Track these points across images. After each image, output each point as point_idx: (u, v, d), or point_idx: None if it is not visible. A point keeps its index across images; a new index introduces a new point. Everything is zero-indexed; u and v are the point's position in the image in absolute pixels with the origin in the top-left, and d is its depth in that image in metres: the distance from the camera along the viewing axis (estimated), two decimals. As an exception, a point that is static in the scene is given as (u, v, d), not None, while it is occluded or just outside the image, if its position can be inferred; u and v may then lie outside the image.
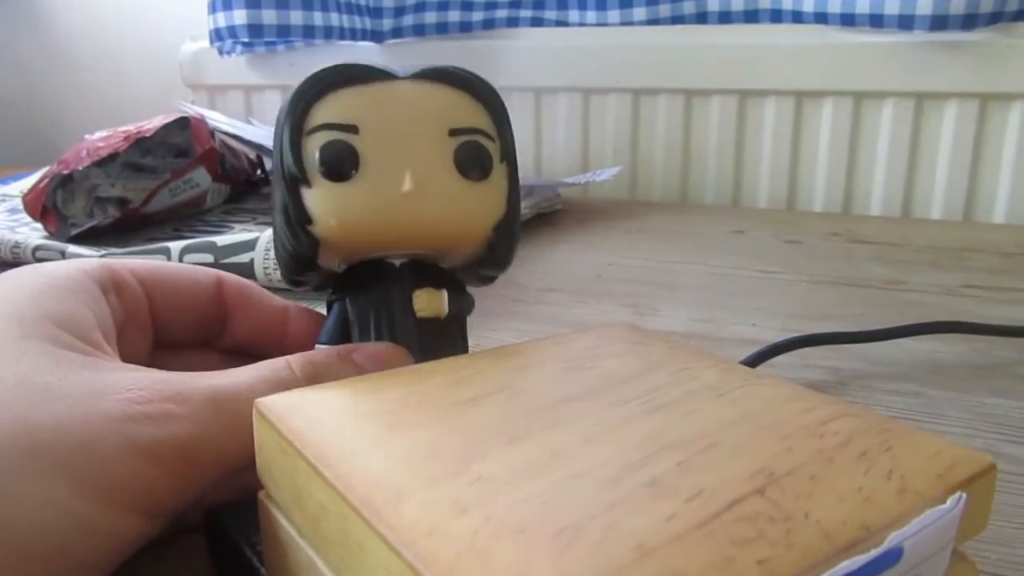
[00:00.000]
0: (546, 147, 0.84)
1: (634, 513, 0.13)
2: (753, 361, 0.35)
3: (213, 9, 0.76)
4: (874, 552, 0.13)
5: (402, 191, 0.22)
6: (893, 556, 0.13)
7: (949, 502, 0.14)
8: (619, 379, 0.19)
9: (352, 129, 0.22)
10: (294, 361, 0.21)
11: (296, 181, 0.22)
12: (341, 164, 0.22)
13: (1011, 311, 0.46)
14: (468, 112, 0.24)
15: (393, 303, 0.24)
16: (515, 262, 0.26)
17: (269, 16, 0.71)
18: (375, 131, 0.22)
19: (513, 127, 0.25)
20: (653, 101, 0.80)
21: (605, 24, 0.80)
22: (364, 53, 0.87)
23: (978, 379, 0.37)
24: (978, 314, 0.45)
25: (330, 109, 0.22)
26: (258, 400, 0.18)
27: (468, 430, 0.16)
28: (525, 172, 0.78)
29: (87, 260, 0.24)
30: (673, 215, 0.73)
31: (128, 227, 0.57)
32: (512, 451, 0.15)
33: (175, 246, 0.45)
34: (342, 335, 0.24)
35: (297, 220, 0.22)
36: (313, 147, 0.22)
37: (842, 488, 0.14)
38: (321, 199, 0.22)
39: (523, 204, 0.65)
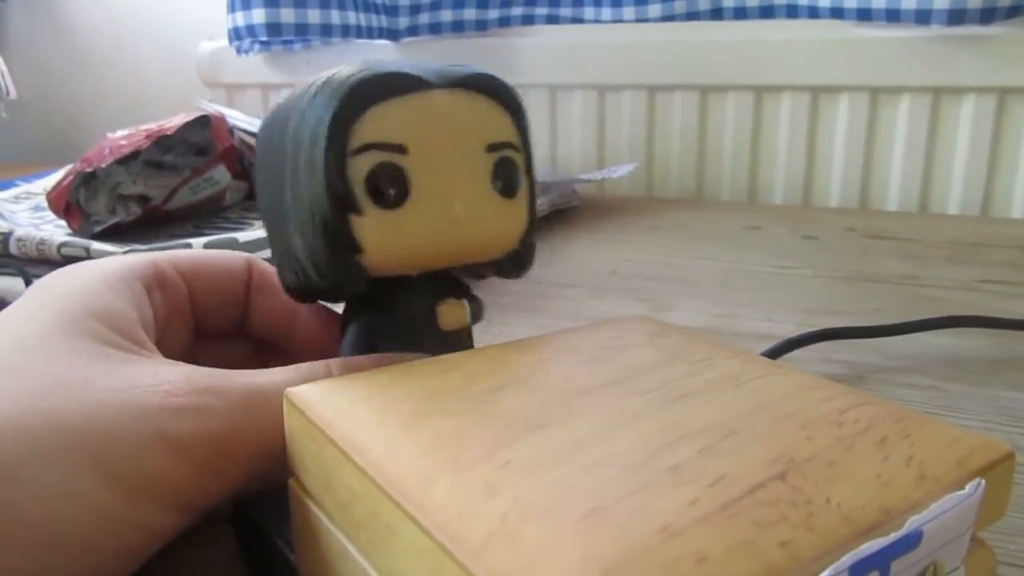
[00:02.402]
0: (562, 144, 0.84)
1: (658, 497, 0.13)
2: (770, 356, 0.35)
3: (232, 8, 0.77)
4: (894, 535, 0.13)
5: (453, 217, 0.22)
6: (912, 540, 0.13)
7: (968, 488, 0.14)
8: (639, 369, 0.19)
9: (401, 149, 0.21)
10: (334, 364, 0.21)
11: (344, 208, 0.21)
12: (396, 189, 0.21)
13: (1022, 304, 0.46)
14: (501, 125, 0.23)
15: (417, 318, 0.23)
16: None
17: (287, 15, 0.72)
18: (422, 150, 0.21)
19: (529, 124, 0.25)
20: (668, 98, 0.80)
21: (620, 21, 0.80)
22: (381, 52, 0.87)
23: (995, 373, 0.37)
24: (995, 308, 0.45)
25: (376, 126, 0.21)
26: (288, 389, 0.18)
27: (493, 418, 0.16)
28: (541, 168, 0.78)
29: (133, 257, 0.24)
30: (689, 211, 0.73)
31: (150, 224, 0.57)
32: (537, 437, 0.15)
33: (197, 243, 0.46)
34: (367, 352, 0.23)
35: (347, 250, 0.21)
36: (360, 169, 0.21)
37: (861, 474, 0.14)
38: (374, 228, 0.21)
39: (539, 201, 0.65)
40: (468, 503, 0.13)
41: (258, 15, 0.71)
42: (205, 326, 0.25)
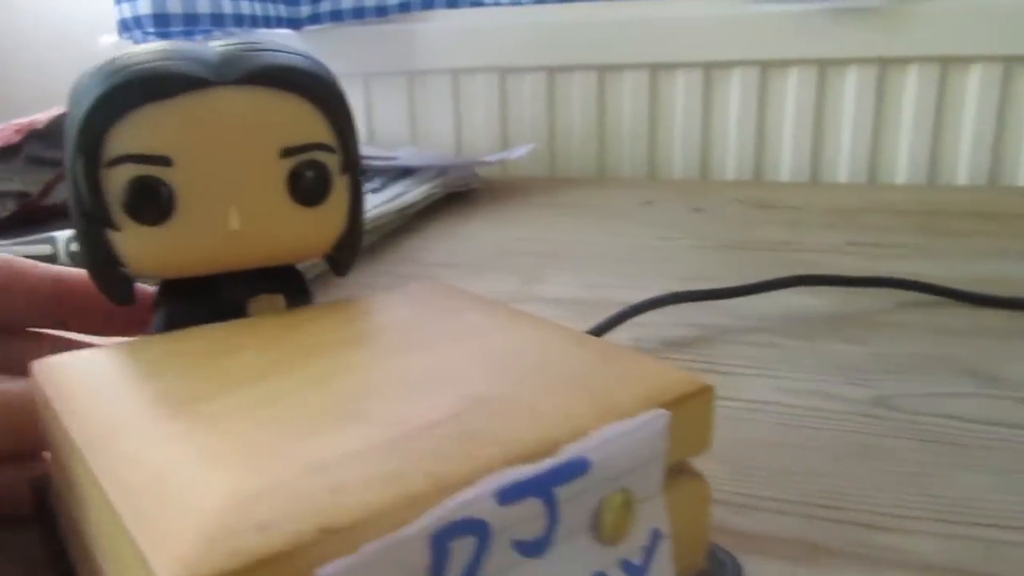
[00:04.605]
0: (466, 128, 0.85)
1: (324, 439, 0.14)
2: (614, 321, 0.36)
3: None
4: (550, 461, 0.14)
5: (228, 231, 0.20)
6: (578, 466, 0.14)
7: (642, 417, 0.15)
8: (386, 328, 0.19)
9: (163, 161, 0.19)
10: None
11: (97, 223, 0.19)
12: (153, 207, 0.19)
13: (884, 264, 0.48)
14: (303, 124, 0.21)
15: (228, 313, 0.21)
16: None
17: (174, 5, 0.71)
18: (191, 161, 0.19)
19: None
20: (568, 78, 0.81)
21: (519, 3, 0.80)
22: (282, 41, 0.87)
23: (832, 328, 0.38)
24: (856, 268, 0.47)
25: (133, 135, 0.19)
26: (34, 362, 0.18)
27: (211, 375, 0.17)
28: (438, 152, 0.78)
29: None
30: (589, 190, 0.74)
31: (30, 220, 0.56)
32: (244, 391, 0.16)
33: (61, 236, 0.46)
34: None
35: (107, 264, 0.20)
36: (115, 183, 0.19)
37: (543, 409, 0.15)
38: (132, 244, 0.20)
39: (433, 184, 0.66)
40: (140, 449, 0.14)
41: (144, 6, 0.70)
42: None
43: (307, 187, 0.21)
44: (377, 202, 0.58)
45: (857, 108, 0.73)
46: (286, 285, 0.23)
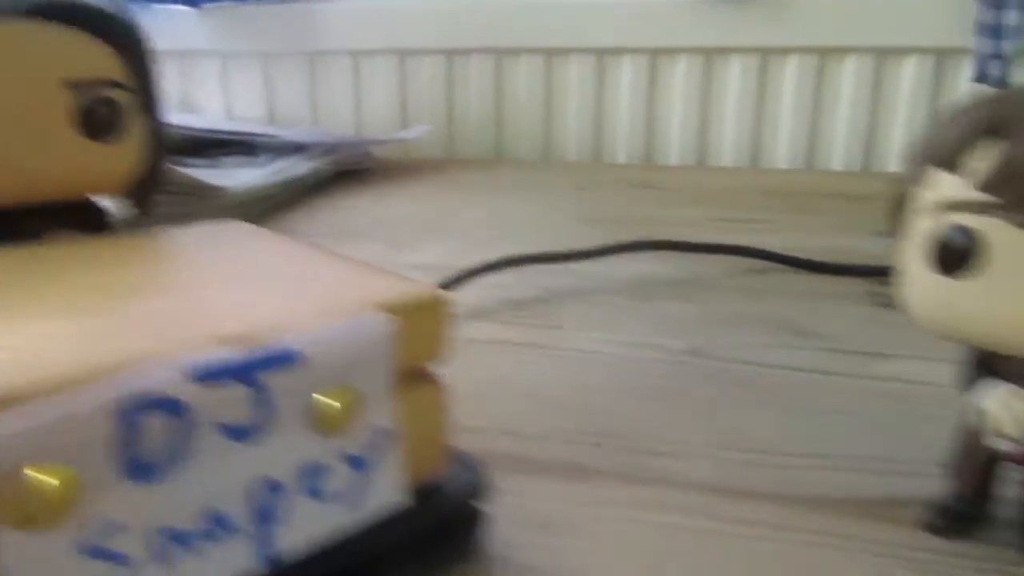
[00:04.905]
0: (366, 109, 0.85)
1: (35, 328, 0.15)
2: (458, 279, 0.37)
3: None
4: (254, 348, 0.15)
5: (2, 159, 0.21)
6: (286, 356, 0.15)
7: (360, 319, 0.16)
8: (165, 252, 0.20)
9: None
10: None
11: None
12: None
13: (748, 236, 0.50)
14: (94, 60, 0.22)
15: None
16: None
17: (59, -24, 0.70)
18: None
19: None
20: (465, 62, 0.82)
21: (419, -14, 0.81)
22: (180, 19, 0.86)
23: (673, 290, 0.40)
24: (716, 239, 0.49)
25: None
26: None
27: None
28: (331, 131, 0.79)
29: None
30: (483, 170, 0.76)
31: None
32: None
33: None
34: None
35: None
36: None
37: (267, 308, 0.16)
38: None
39: (322, 161, 0.66)
40: None
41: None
42: None
43: (97, 121, 0.22)
44: (261, 174, 0.58)
45: (740, 96, 0.76)
46: (86, 222, 0.24)
